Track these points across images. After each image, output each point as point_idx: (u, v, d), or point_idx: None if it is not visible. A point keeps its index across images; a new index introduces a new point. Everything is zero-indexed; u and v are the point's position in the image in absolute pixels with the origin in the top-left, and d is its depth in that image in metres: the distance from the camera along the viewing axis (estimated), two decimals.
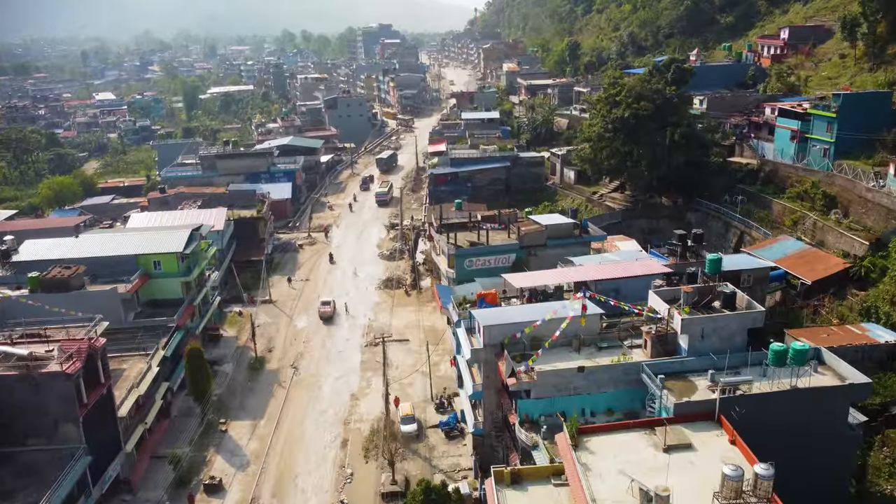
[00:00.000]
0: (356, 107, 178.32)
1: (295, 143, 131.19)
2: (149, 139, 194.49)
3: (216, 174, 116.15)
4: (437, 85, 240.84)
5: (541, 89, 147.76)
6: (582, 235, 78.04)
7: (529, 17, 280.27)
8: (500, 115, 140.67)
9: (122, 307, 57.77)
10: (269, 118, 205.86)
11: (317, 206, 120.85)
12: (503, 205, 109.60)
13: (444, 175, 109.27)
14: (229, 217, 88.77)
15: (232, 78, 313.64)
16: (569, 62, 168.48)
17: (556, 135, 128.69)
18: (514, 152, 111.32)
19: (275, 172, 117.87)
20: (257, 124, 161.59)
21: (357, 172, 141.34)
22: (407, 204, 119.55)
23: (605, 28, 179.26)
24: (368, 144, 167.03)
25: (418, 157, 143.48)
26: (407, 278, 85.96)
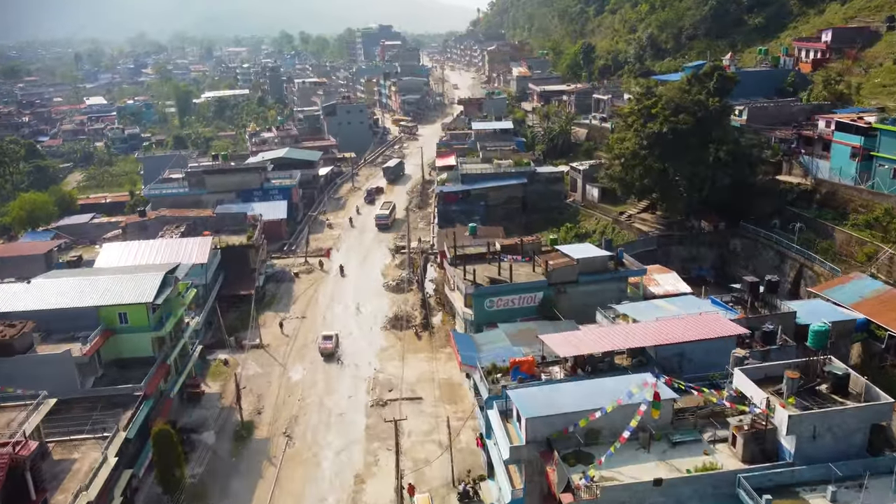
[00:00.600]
0: (356, 113, 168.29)
1: (291, 155, 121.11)
2: (138, 147, 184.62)
3: (204, 191, 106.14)
4: (440, 88, 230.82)
5: (555, 96, 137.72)
6: (618, 269, 68.31)
7: (535, 17, 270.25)
8: (513, 125, 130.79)
9: (77, 373, 47.79)
10: (265, 125, 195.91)
11: (314, 225, 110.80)
12: (519, 226, 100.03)
13: (454, 193, 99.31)
14: (216, 245, 78.78)
15: (227, 81, 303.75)
16: (583, 66, 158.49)
17: (574, 146, 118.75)
18: (531, 167, 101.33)
19: (269, 189, 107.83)
20: (251, 133, 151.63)
21: (358, 186, 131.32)
22: (412, 222, 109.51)
23: (619, 30, 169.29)
24: (370, 154, 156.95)
25: (424, 168, 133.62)
26: (416, 316, 75.89)
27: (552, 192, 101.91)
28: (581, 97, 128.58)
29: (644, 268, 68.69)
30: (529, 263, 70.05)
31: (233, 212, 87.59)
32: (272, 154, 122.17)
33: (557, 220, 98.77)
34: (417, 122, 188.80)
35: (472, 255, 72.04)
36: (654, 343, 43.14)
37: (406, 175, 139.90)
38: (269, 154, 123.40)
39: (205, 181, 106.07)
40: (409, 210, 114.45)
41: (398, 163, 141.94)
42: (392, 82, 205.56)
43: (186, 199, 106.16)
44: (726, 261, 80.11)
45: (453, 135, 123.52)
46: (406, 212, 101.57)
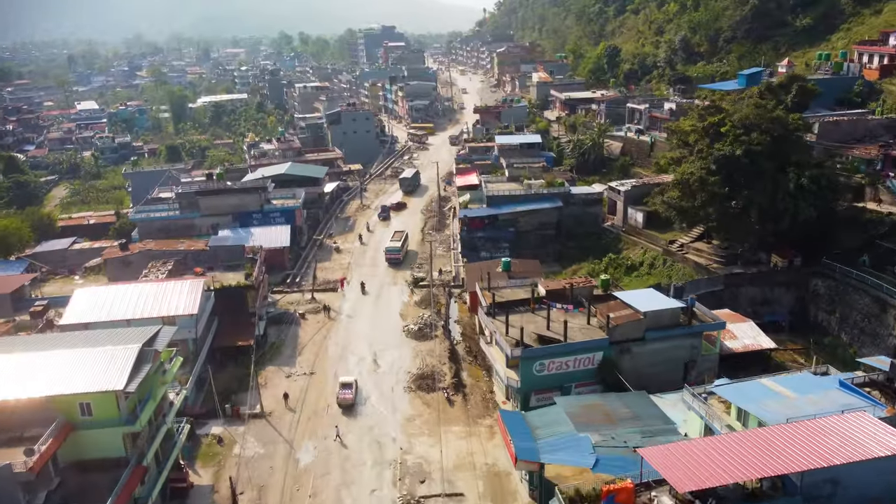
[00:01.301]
0: (363, 121, 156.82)
1: (294, 171, 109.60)
2: (129, 157, 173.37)
3: (197, 214, 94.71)
4: (448, 92, 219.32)
5: (582, 104, 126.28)
6: (692, 323, 57.01)
7: (547, 17, 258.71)
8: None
9: (21, 492, 36.30)
10: (264, 135, 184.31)
11: (321, 251, 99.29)
12: (553, 255, 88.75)
13: (479, 218, 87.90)
14: (209, 287, 67.26)
15: (225, 85, 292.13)
16: (607, 70, 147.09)
17: (608, 161, 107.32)
18: (565, 188, 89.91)
19: (270, 212, 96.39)
20: (250, 144, 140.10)
21: (367, 204, 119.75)
22: (428, 246, 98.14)
23: (644, 31, 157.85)
24: (379, 166, 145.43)
25: (439, 183, 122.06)
26: (446, 373, 64.29)
27: (589, 216, 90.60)
28: (612, 106, 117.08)
29: (722, 321, 57.46)
30: (582, 313, 58.92)
31: (228, 244, 75.95)
32: (273, 170, 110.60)
33: (596, 249, 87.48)
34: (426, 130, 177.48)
35: (511, 302, 60.85)
36: (800, 467, 31.60)
37: (423, 186, 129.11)
38: (269, 170, 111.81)
39: (198, 203, 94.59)
40: (426, 234, 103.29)
41: (415, 173, 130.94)
42: (399, 87, 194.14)
43: (177, 223, 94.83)
44: (806, 305, 68.64)
45: (473, 148, 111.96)
46: (428, 243, 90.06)
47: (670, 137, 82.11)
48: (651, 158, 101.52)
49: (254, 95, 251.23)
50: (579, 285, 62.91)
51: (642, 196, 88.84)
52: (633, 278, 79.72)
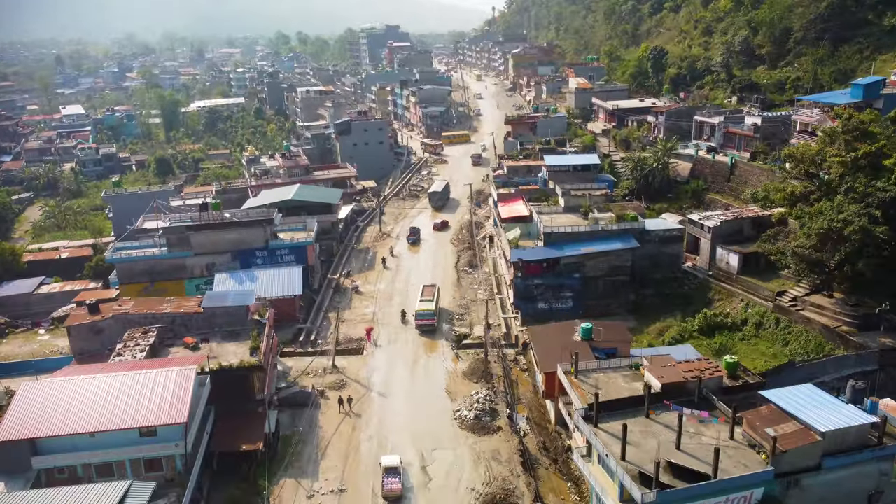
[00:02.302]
0: (375, 132, 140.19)
1: (303, 196, 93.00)
2: (115, 171, 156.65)
3: (189, 254, 78.22)
4: (460, 97, 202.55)
5: (633, 115, 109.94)
6: (884, 444, 40.90)
7: (564, 16, 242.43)
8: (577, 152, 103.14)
9: None
10: (264, 145, 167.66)
11: (338, 295, 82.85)
12: (626, 306, 72.54)
13: (537, 262, 71.43)
14: (203, 368, 50.77)
15: (220, 87, 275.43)
16: (651, 75, 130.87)
17: (674, 184, 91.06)
18: (638, 223, 73.60)
19: (276, 249, 79.92)
20: (249, 159, 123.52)
21: (387, 232, 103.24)
22: (466, 288, 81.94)
23: (689, 31, 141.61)
24: (396, 183, 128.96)
25: (472, 210, 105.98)
26: (523, 492, 47.86)
27: (666, 257, 74.38)
28: (673, 118, 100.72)
29: None
30: (718, 416, 42.76)
31: (228, 303, 59.20)
32: (278, 194, 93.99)
33: (679, 299, 71.41)
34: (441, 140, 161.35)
35: (617, 402, 44.59)
36: None
37: (453, 200, 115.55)
38: (273, 194, 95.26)
39: (189, 240, 77.98)
40: (461, 271, 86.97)
41: (445, 186, 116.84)
42: (410, 92, 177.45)
43: (165, 264, 78.32)
44: None
45: (513, 168, 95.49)
46: (465, 286, 73.75)
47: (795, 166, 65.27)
48: (731, 183, 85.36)
49: (251, 100, 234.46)
50: (705, 374, 46.64)
51: (734, 232, 72.95)
52: (736, 340, 63.51)
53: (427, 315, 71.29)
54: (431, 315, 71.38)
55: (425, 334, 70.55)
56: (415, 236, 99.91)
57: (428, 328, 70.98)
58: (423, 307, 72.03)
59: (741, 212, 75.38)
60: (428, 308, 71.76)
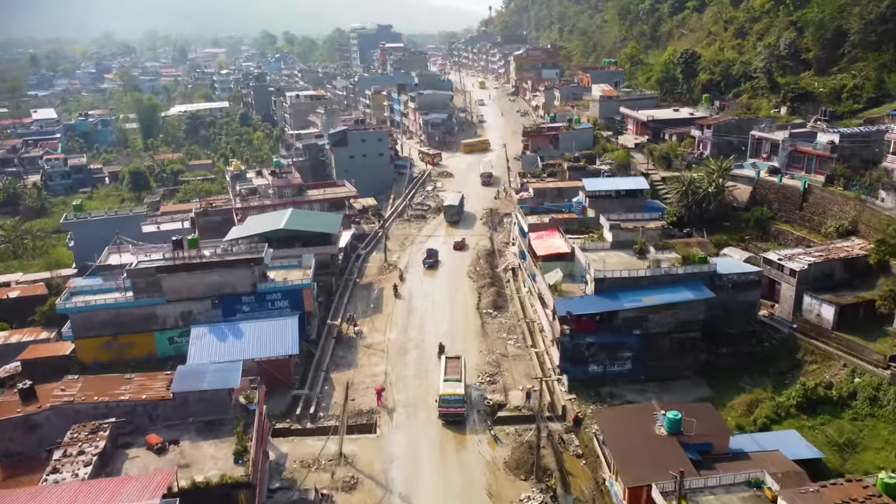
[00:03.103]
0: (374, 142, 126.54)
1: (297, 225, 79.11)
2: (85, 184, 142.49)
3: (161, 301, 64.46)
4: (460, 101, 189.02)
5: (671, 128, 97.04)
6: None
7: (568, 16, 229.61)
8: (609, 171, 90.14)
9: None
10: (250, 155, 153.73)
11: (341, 347, 69.29)
12: (697, 366, 59.52)
13: (589, 317, 58.24)
14: (172, 487, 37.15)
15: (203, 90, 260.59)
16: (681, 81, 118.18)
17: (731, 211, 78.15)
18: (708, 265, 60.59)
19: (266, 293, 66.27)
20: (234, 174, 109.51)
21: (393, 263, 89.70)
22: (493, 338, 68.72)
23: (719, 33, 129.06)
24: (398, 201, 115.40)
25: (493, 239, 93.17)
26: None
27: (740, 306, 61.48)
28: (721, 132, 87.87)
29: None
30: None
31: (205, 386, 45.49)
32: (266, 222, 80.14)
33: (760, 361, 58.49)
34: (442, 149, 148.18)
35: None
36: None
37: (469, 214, 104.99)
38: (261, 221, 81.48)
39: (161, 284, 64.13)
40: (484, 315, 73.73)
41: (460, 199, 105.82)
42: (409, 97, 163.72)
43: (131, 314, 64.46)
44: None
45: (539, 190, 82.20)
46: (491, 335, 60.46)
47: None
48: (804, 212, 72.58)
49: (236, 104, 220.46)
50: None
51: (823, 276, 60.27)
52: (846, 420, 50.63)
53: (455, 402, 54.45)
54: (460, 402, 54.57)
55: (452, 425, 54.62)
56: (432, 259, 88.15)
57: (456, 418, 54.89)
58: (448, 391, 54.97)
59: (829, 250, 62.61)
60: (455, 393, 54.76)
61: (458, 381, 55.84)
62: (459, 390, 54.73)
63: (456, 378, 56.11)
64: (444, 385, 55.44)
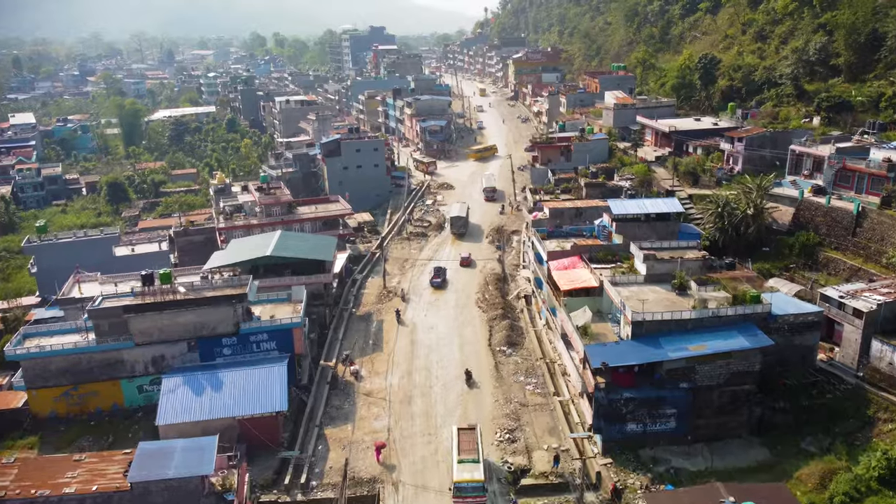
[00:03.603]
0: (370, 153, 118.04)
1: (286, 252, 70.48)
2: (60, 196, 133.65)
3: (129, 345, 55.83)
4: (457, 106, 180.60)
5: (695, 139, 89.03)
6: None
7: (568, 17, 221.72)
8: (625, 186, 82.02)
9: None
10: (237, 164, 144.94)
11: (335, 395, 60.79)
12: (751, 425, 51.28)
13: (626, 370, 49.98)
14: None
15: (189, 94, 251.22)
16: (700, 87, 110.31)
17: (771, 234, 70.15)
18: (762, 304, 52.47)
19: (251, 334, 57.76)
20: (218, 188, 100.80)
21: (393, 290, 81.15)
22: (509, 383, 60.45)
23: (736, 36, 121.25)
24: (397, 217, 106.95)
25: (504, 264, 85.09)
26: None
27: (797, 351, 53.35)
28: (754, 145, 79.91)
29: None
30: None
31: (170, 475, 36.83)
32: (252, 247, 71.50)
33: (823, 417, 50.38)
34: (441, 158, 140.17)
35: None
36: None
37: (474, 226, 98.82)
38: (246, 245, 72.86)
39: (128, 325, 55.48)
40: (497, 352, 65.55)
41: (466, 210, 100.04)
42: (406, 103, 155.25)
43: (94, 359, 55.83)
44: None
45: (556, 210, 73.92)
46: (507, 379, 52.01)
47: None
48: (858, 238, 64.62)
49: (223, 108, 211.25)
50: None
51: (893, 317, 52.23)
52: None
53: (473, 491, 43.61)
54: (480, 490, 43.67)
55: None
56: (440, 278, 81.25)
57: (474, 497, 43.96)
58: (464, 476, 44.19)
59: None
60: (472, 479, 43.97)
61: (476, 461, 45.61)
62: (478, 475, 44.43)
63: (472, 458, 45.81)
64: (459, 469, 45.16)
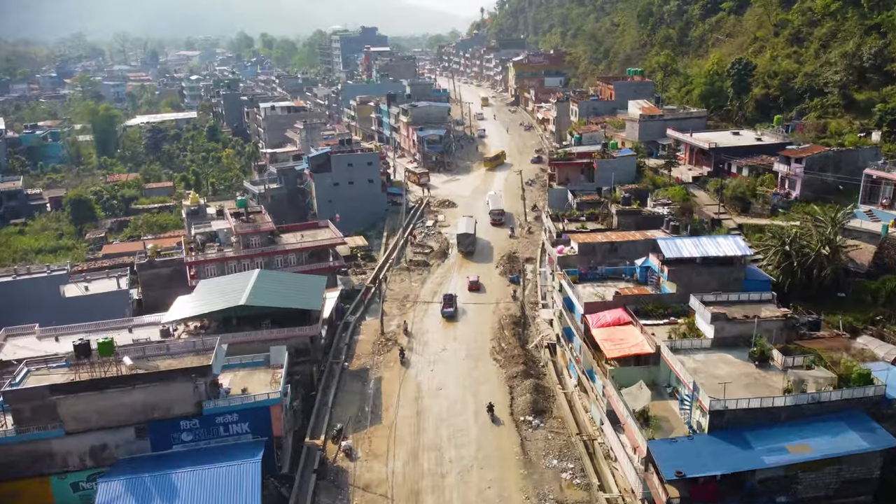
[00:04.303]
0: (363, 167, 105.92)
1: (263, 300, 58.13)
2: (20, 213, 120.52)
3: (59, 433, 43.49)
4: (459, 113, 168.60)
5: (738, 157, 77.24)
6: None
7: (571, 18, 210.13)
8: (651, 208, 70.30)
9: None
10: (220, 183, 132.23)
11: (323, 490, 48.57)
12: None
13: (707, 481, 38.02)
14: None
15: (170, 97, 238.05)
16: (732, 95, 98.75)
17: (848, 276, 58.39)
18: (875, 385, 40.68)
19: (217, 415, 45.55)
20: (191, 210, 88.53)
21: (391, 335, 69.04)
22: (541, 468, 48.59)
23: (768, 38, 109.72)
24: (396, 239, 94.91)
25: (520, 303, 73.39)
26: None
27: None
28: (815, 167, 68.22)
29: None
30: None
31: None
32: (224, 293, 59.14)
33: None
34: (440, 171, 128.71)
35: None
36: None
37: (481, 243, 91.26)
38: (216, 290, 60.48)
39: (59, 408, 43.17)
40: (521, 423, 53.84)
41: (474, 225, 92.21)
42: (401, 110, 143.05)
43: (14, 451, 43.46)
44: None
45: (586, 245, 61.90)
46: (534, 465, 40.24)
47: None
48: None
49: (206, 114, 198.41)
50: None
51: None
52: None
53: None
54: None
55: None
56: (451, 308, 72.23)
57: None
58: None
59: None
60: None
61: None
62: None
63: None
64: None
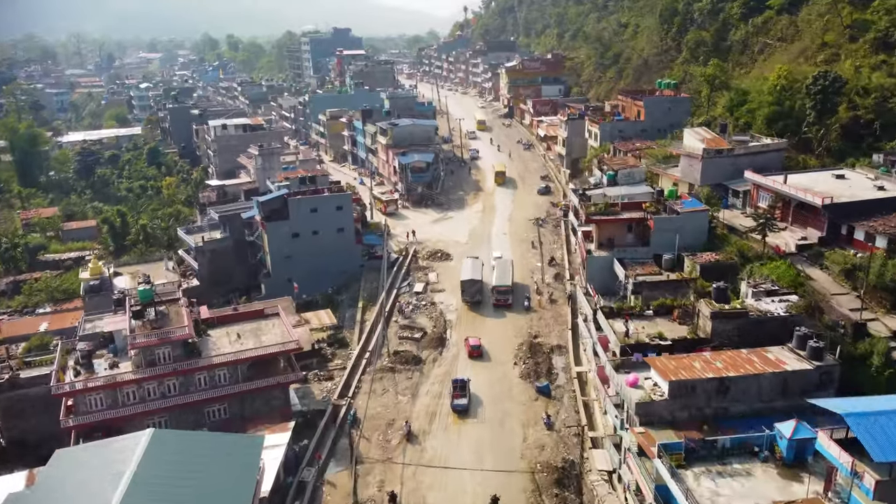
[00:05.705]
0: (330, 213, 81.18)
1: (195, 465, 33.52)
2: None
3: None
4: (446, 128, 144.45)
5: (862, 217, 53.85)
6: None
7: (569, 18, 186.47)
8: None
9: None
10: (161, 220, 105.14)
11: None
12: None
13: None
14: None
15: (118, 108, 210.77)
16: (813, 117, 75.41)
17: None
18: None
19: None
20: (90, 286, 63.45)
21: (365, 470, 44.67)
22: None
23: (841, 44, 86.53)
24: (376, 313, 70.39)
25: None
26: None
27: None
28: None
29: None
30: None
31: None
32: (88, 492, 34.46)
33: None
34: (428, 205, 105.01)
35: None
36: None
37: None
38: (81, 483, 35.78)
39: None
40: None
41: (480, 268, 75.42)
42: (379, 129, 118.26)
43: None
44: None
45: (680, 386, 38.08)
46: None
47: None
48: None
49: (153, 130, 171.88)
50: None
51: None
52: None
53: None
54: None
55: None
56: (464, 397, 56.40)
57: None
58: None
59: None
60: None
61: None
62: None
63: None
64: None
